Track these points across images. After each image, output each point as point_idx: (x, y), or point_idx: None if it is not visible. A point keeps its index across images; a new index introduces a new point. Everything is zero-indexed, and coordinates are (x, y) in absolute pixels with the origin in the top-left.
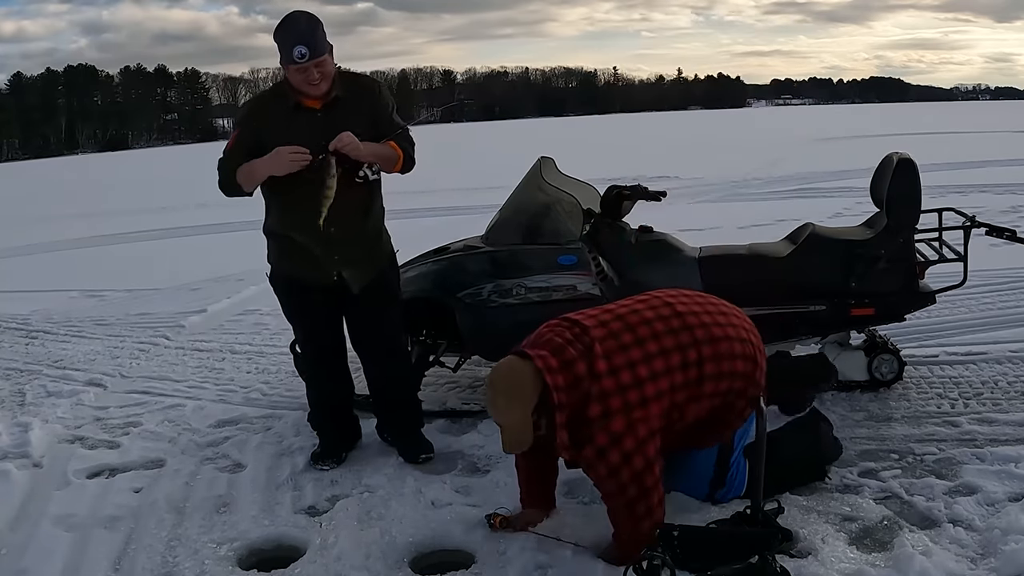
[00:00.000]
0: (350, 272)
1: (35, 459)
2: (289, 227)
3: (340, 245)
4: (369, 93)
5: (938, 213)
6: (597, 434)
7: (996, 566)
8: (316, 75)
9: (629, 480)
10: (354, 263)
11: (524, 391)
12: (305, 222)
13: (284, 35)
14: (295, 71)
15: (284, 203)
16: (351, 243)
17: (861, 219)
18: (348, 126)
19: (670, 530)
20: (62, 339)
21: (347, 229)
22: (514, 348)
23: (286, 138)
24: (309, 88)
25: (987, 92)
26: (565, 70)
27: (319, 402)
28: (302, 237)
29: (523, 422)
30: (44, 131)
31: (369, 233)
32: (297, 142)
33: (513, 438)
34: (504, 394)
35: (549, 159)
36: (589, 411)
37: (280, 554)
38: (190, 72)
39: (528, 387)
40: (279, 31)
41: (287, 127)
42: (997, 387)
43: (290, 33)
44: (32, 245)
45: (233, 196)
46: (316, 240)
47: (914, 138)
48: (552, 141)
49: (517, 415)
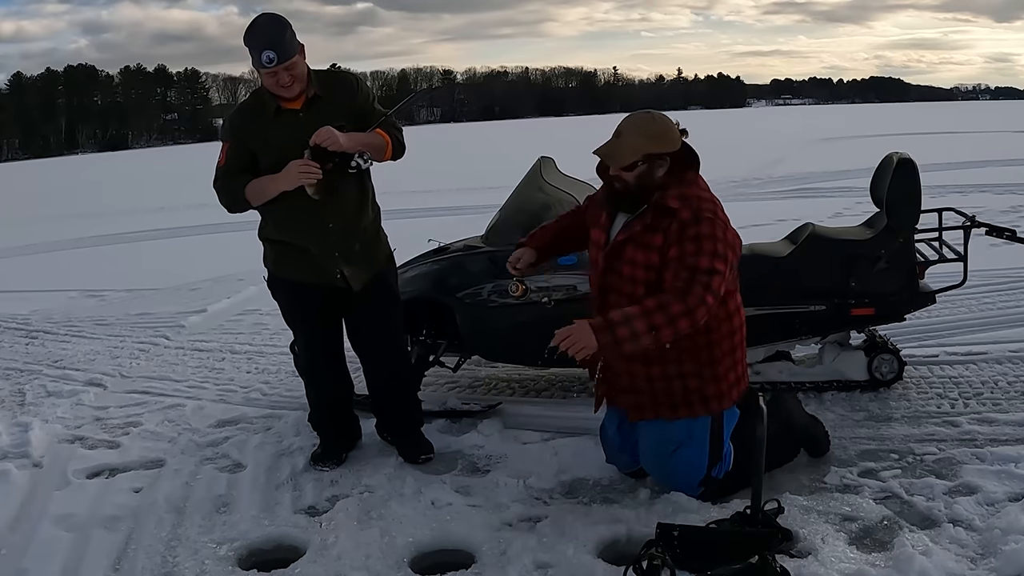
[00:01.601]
0: (351, 270)
1: (35, 459)
2: (287, 231)
3: (339, 242)
4: (347, 87)
5: (938, 213)
6: (691, 230)
7: (996, 566)
8: (287, 78)
9: (701, 287)
10: (354, 261)
11: (663, 137)
12: (303, 222)
13: (252, 40)
14: (266, 75)
15: (281, 207)
16: (350, 237)
17: (861, 219)
18: (330, 122)
19: (670, 530)
20: (62, 339)
21: (345, 223)
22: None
23: (273, 143)
24: (281, 91)
25: (987, 92)
26: (565, 70)
27: (319, 403)
28: (301, 238)
29: (636, 149)
30: (44, 131)
31: (368, 229)
32: (282, 144)
33: (617, 150)
34: (651, 121)
35: (549, 159)
36: (695, 220)
37: (280, 554)
38: (190, 72)
39: (665, 135)
40: (247, 37)
41: (271, 131)
42: (997, 387)
43: (257, 38)
44: (32, 245)
45: (238, 212)
46: (316, 239)
47: (914, 138)
48: (552, 141)
49: (638, 141)
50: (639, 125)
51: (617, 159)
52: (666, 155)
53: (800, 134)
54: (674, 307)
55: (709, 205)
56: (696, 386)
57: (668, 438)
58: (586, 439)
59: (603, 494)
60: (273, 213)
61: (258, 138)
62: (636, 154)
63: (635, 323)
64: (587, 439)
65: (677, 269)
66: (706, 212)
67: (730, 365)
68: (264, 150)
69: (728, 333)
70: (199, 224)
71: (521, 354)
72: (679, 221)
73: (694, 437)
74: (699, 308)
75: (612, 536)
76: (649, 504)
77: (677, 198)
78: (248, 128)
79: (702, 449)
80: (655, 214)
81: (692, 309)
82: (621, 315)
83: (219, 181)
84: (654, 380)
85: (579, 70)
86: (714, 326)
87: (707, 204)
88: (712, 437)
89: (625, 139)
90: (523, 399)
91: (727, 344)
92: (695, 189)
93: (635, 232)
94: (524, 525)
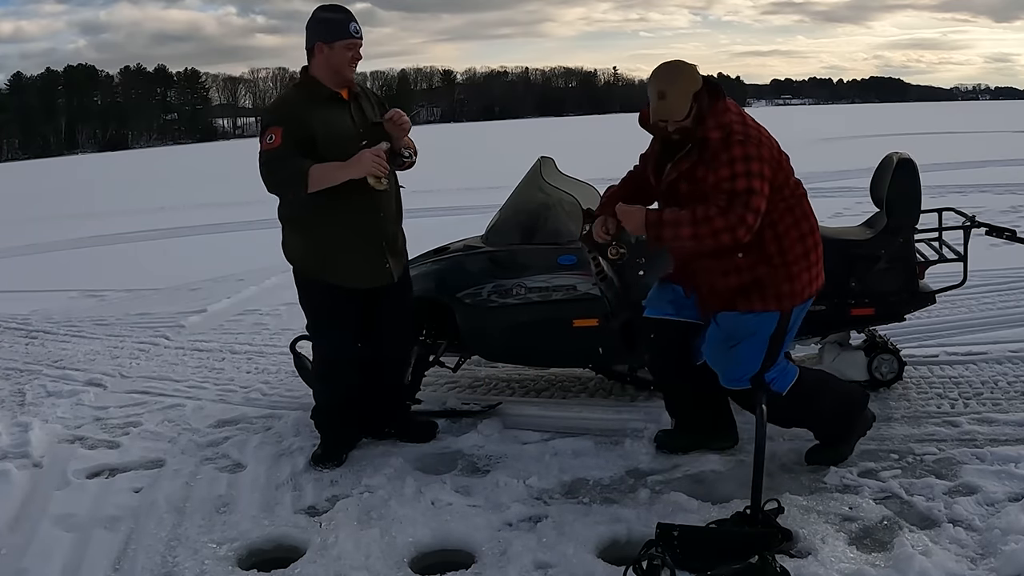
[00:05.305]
0: (393, 260)
1: (35, 459)
2: (341, 219)
3: (386, 230)
4: (372, 92)
5: (938, 213)
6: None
7: (996, 566)
8: (359, 56)
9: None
10: (395, 251)
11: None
12: (358, 211)
13: (337, 15)
14: (344, 48)
15: (339, 195)
16: (392, 226)
17: (861, 219)
18: (370, 116)
19: (670, 530)
20: (62, 339)
21: (389, 213)
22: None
23: (333, 128)
24: (348, 70)
25: (987, 92)
26: (565, 70)
27: (333, 403)
28: (355, 226)
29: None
30: (44, 131)
31: (399, 220)
32: (340, 131)
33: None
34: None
35: (549, 159)
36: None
37: (280, 554)
38: (190, 72)
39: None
40: (329, 11)
41: (328, 117)
42: (997, 387)
43: (343, 13)
44: (32, 245)
45: (286, 194)
46: (369, 227)
47: (914, 138)
48: (552, 141)
49: (681, 90)
50: (672, 76)
51: (676, 113)
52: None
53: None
54: (716, 222)
55: (740, 127)
56: (772, 284)
57: (734, 333)
58: (586, 439)
59: (603, 494)
60: (330, 199)
61: (318, 122)
62: (687, 101)
63: (681, 229)
64: (587, 439)
65: (716, 194)
66: (736, 135)
67: (804, 267)
68: (325, 134)
69: (797, 238)
70: (199, 224)
71: (521, 354)
72: (712, 148)
73: (758, 334)
74: (739, 227)
75: (612, 536)
76: (649, 504)
77: (715, 128)
78: (306, 113)
79: (762, 344)
80: (700, 148)
81: (732, 227)
82: (672, 218)
83: (274, 163)
84: (731, 285)
85: (579, 70)
86: (783, 232)
87: (738, 127)
88: (775, 334)
89: (670, 96)
90: (523, 399)
91: (798, 249)
92: (728, 115)
93: (684, 170)
94: (524, 525)
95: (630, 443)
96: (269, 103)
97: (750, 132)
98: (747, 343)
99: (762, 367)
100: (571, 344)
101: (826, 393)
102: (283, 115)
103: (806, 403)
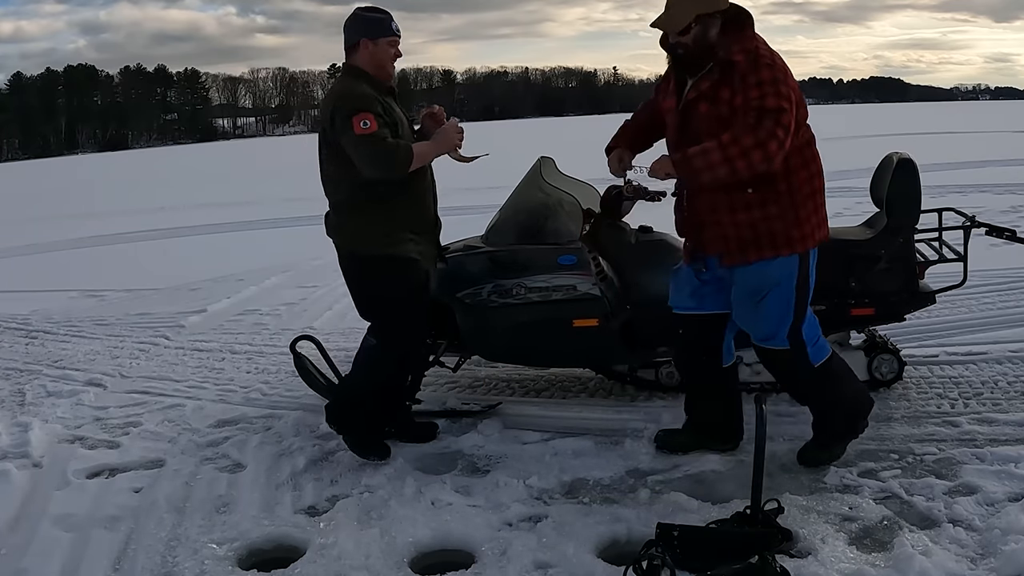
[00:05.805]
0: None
1: (35, 459)
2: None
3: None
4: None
5: (938, 213)
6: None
7: (996, 566)
8: (400, 52)
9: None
10: (439, 231)
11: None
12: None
13: (378, 14)
14: (388, 44)
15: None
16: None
17: (861, 219)
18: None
19: (670, 530)
20: (62, 339)
21: (435, 195)
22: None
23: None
24: (390, 65)
25: (987, 92)
26: (565, 70)
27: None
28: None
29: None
30: (44, 131)
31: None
32: (404, 120)
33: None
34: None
35: (549, 159)
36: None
37: (280, 554)
38: (190, 72)
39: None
40: (370, 11)
41: (393, 107)
42: (997, 387)
43: (385, 13)
44: (32, 245)
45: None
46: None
47: (914, 138)
48: (552, 141)
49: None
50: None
51: (672, 25)
52: (716, 14)
53: None
54: (746, 139)
55: (767, 54)
56: (781, 228)
57: (757, 286)
58: (586, 439)
59: (603, 494)
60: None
61: (391, 109)
62: (687, 17)
63: (711, 155)
64: (587, 439)
65: (745, 112)
66: (764, 59)
67: (812, 209)
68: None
69: (807, 178)
70: (199, 224)
71: (521, 354)
72: (740, 71)
73: (782, 283)
74: (770, 141)
75: (612, 536)
76: (649, 504)
77: (740, 52)
78: (382, 100)
79: (789, 294)
80: (722, 69)
81: (763, 141)
82: (698, 148)
83: (382, 143)
84: (740, 226)
85: (579, 70)
86: (793, 169)
87: (764, 52)
88: (799, 282)
89: (674, 7)
90: (523, 399)
91: (807, 188)
92: (754, 42)
93: (704, 89)
94: (524, 525)
95: (630, 443)
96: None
97: (777, 60)
98: (774, 294)
99: (795, 318)
100: (571, 344)
101: (849, 384)
102: (368, 101)
103: (831, 384)
